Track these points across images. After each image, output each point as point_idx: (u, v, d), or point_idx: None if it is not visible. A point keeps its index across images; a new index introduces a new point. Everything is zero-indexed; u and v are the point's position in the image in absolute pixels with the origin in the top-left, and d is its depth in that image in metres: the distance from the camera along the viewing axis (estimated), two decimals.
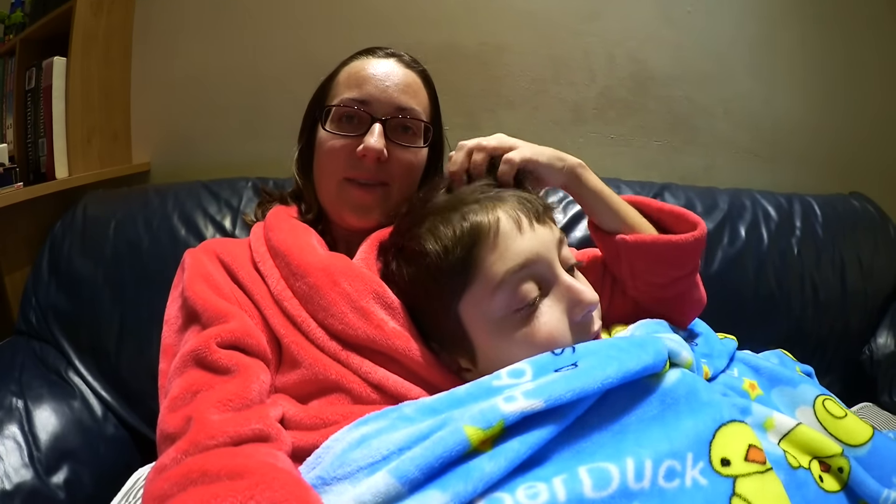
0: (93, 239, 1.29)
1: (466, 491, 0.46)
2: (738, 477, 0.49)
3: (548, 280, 0.67)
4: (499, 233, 0.66)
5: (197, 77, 1.65)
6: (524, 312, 0.65)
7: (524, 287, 0.65)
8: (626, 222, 0.82)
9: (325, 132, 0.85)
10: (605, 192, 0.82)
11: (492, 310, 0.66)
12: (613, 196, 0.83)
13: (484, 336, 0.68)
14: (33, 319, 1.26)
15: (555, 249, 0.68)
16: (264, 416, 0.61)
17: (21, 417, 1.05)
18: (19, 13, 1.57)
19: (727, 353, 0.79)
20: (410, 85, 0.87)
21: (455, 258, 0.66)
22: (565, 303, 0.66)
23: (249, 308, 0.75)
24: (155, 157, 1.70)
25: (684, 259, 0.80)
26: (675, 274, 0.81)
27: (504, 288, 0.65)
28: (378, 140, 0.81)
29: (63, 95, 1.44)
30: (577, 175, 0.80)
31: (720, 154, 1.61)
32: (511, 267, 0.65)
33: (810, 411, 0.69)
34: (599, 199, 0.82)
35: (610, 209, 0.82)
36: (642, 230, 0.82)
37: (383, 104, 0.84)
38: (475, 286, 0.66)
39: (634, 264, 0.81)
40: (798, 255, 1.31)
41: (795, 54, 1.56)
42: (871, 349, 1.29)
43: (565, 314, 0.66)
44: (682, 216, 0.83)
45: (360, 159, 0.82)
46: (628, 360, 0.55)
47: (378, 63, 0.87)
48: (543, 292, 0.67)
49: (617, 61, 1.58)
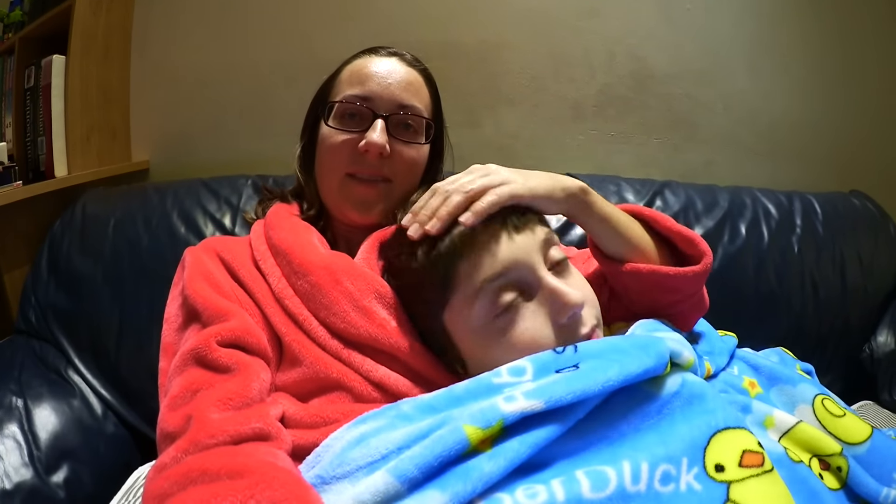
0: (92, 237, 1.28)
1: (465, 491, 0.46)
2: (732, 483, 0.49)
3: (530, 284, 0.66)
4: (474, 245, 0.65)
5: (196, 74, 1.65)
6: (505, 319, 0.65)
7: (503, 294, 0.64)
8: (629, 245, 0.76)
9: (328, 128, 0.86)
10: (611, 217, 0.74)
11: (473, 318, 0.66)
12: (620, 219, 0.76)
13: (469, 344, 0.68)
14: (33, 318, 1.26)
15: (537, 252, 0.66)
16: (264, 415, 0.61)
17: (21, 416, 1.05)
18: (18, 11, 1.57)
19: (727, 350, 0.79)
20: (412, 83, 0.87)
21: (436, 274, 0.67)
22: (549, 306, 0.65)
23: (250, 306, 0.75)
24: (154, 155, 1.70)
25: (683, 288, 0.78)
26: (674, 299, 0.79)
27: (482, 297, 0.65)
28: (380, 135, 0.81)
29: (62, 94, 1.44)
30: (582, 202, 0.73)
31: (720, 151, 1.60)
32: (488, 276, 0.64)
33: (809, 410, 0.69)
34: (605, 225, 0.74)
35: (615, 235, 0.75)
36: (645, 252, 0.77)
37: (385, 101, 0.84)
38: (456, 297, 0.67)
39: (630, 287, 0.79)
40: (798, 253, 1.31)
41: (795, 51, 1.56)
42: (871, 347, 1.28)
43: (549, 318, 0.65)
44: (691, 241, 0.78)
45: (363, 155, 0.82)
46: (630, 362, 0.55)
47: (380, 61, 0.87)
48: (527, 297, 0.66)
49: (617, 59, 1.57)
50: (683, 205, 1.35)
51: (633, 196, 1.36)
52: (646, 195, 1.37)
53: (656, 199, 1.36)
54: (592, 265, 0.87)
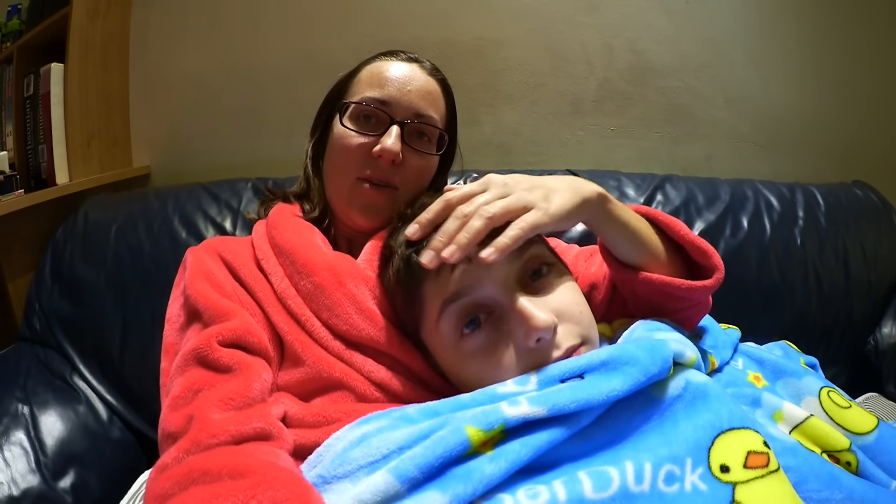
0: (94, 244, 1.29)
1: (466, 492, 0.46)
2: (738, 484, 0.48)
3: (499, 304, 0.62)
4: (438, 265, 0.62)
5: (195, 79, 1.66)
6: (470, 342, 0.62)
7: (467, 316, 0.62)
8: (643, 253, 0.72)
9: (343, 128, 0.85)
10: (628, 224, 0.70)
11: (441, 338, 0.65)
12: (637, 227, 0.72)
13: (446, 362, 0.68)
14: (37, 325, 1.26)
15: (506, 269, 0.62)
16: (266, 415, 0.61)
17: (27, 423, 1.06)
18: (16, 21, 1.58)
19: (731, 343, 0.79)
20: (431, 92, 0.87)
21: (406, 294, 0.67)
22: (515, 328, 0.61)
23: (251, 306, 0.75)
24: (155, 160, 1.71)
25: (694, 299, 0.75)
26: (682, 306, 0.76)
27: (445, 318, 0.63)
28: (395, 142, 0.81)
29: (62, 101, 1.44)
30: (601, 211, 0.68)
31: (721, 144, 1.60)
32: (447, 297, 0.62)
33: (816, 402, 0.69)
34: (622, 232, 0.70)
35: (631, 243, 0.71)
36: (659, 260, 0.73)
37: (403, 107, 0.83)
38: (425, 317, 0.66)
39: (638, 292, 0.75)
40: (801, 245, 1.30)
41: (795, 43, 1.55)
42: (875, 339, 1.27)
43: (514, 341, 0.61)
44: (706, 254, 0.74)
45: (376, 159, 0.82)
46: (634, 372, 0.54)
47: (401, 66, 0.87)
48: (496, 318, 0.63)
49: (615, 53, 1.57)
50: (685, 199, 1.34)
51: (633, 191, 1.36)
52: (646, 190, 1.36)
53: (657, 194, 1.35)
54: (594, 263, 0.86)
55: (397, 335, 0.72)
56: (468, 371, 0.64)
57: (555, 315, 0.61)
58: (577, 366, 0.57)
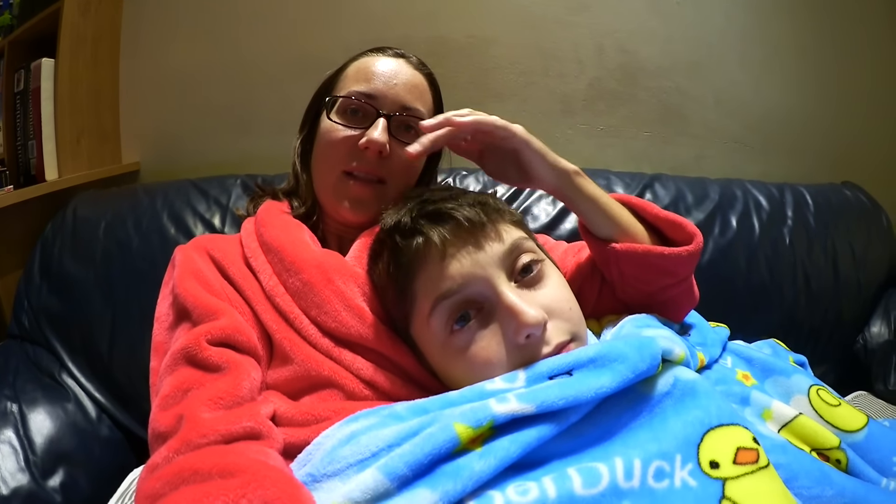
0: (83, 240, 1.28)
1: (456, 490, 0.46)
2: (728, 480, 0.48)
3: (489, 300, 0.63)
4: (427, 260, 0.64)
5: (185, 76, 1.65)
6: (461, 338, 0.63)
7: (458, 312, 0.63)
8: (619, 228, 0.77)
9: (330, 122, 0.85)
10: (601, 198, 0.77)
11: (431, 334, 0.65)
12: (609, 201, 0.78)
13: (435, 359, 0.68)
14: (26, 322, 1.25)
15: (498, 264, 0.63)
16: (255, 414, 0.61)
17: (16, 421, 1.05)
18: (7, 15, 1.56)
19: (720, 341, 0.80)
20: (417, 86, 0.88)
21: (396, 289, 0.67)
22: (505, 324, 0.61)
23: (240, 304, 0.75)
24: (144, 157, 1.70)
25: (677, 270, 0.77)
26: (667, 282, 0.78)
27: (436, 314, 0.63)
28: (381, 134, 0.81)
29: (52, 97, 1.44)
30: (572, 181, 0.75)
31: (710, 145, 1.60)
32: (439, 293, 0.63)
33: (805, 400, 0.70)
34: (594, 205, 0.76)
35: (604, 215, 0.76)
36: (636, 236, 0.77)
37: (389, 100, 0.84)
38: (416, 313, 0.66)
39: (624, 271, 0.77)
40: (790, 245, 1.31)
41: (786, 44, 1.56)
42: (864, 338, 1.29)
43: (504, 337, 0.61)
44: (679, 225, 0.79)
45: (362, 152, 0.82)
46: (623, 368, 0.54)
47: (387, 61, 0.87)
48: (486, 314, 0.63)
49: (606, 52, 1.57)
50: (674, 197, 1.35)
51: (622, 189, 1.36)
52: (636, 188, 1.37)
53: (646, 193, 1.36)
54: (583, 256, 0.87)
55: (386, 332, 0.72)
56: (457, 367, 0.64)
57: (545, 311, 0.61)
58: (565, 362, 0.57)
